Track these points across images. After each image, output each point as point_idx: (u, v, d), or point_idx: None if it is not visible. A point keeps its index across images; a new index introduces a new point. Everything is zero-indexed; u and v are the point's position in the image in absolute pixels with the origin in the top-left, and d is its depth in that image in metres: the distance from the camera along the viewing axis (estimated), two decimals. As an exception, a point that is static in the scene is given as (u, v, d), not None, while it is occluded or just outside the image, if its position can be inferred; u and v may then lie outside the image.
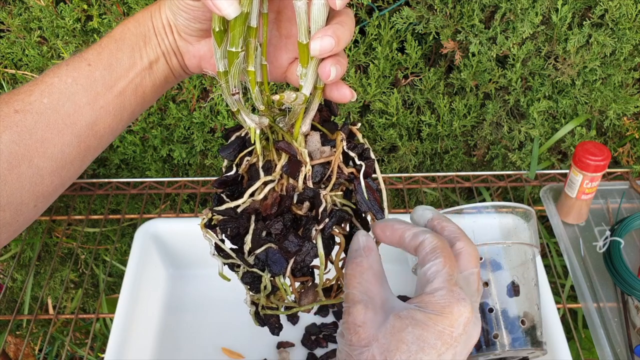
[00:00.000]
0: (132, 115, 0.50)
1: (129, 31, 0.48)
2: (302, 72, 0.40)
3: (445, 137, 1.03)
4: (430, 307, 0.37)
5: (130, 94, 0.48)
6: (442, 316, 0.36)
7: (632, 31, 0.87)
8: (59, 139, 0.45)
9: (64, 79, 0.46)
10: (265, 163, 0.43)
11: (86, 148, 0.48)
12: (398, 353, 0.36)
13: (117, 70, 0.47)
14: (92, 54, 0.47)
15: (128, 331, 0.73)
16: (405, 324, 0.36)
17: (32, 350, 1.21)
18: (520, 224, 0.71)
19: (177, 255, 0.88)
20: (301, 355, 0.80)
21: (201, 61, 0.49)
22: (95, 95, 0.46)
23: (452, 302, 0.36)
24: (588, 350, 0.94)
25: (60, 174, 0.47)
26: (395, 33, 0.92)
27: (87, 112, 0.46)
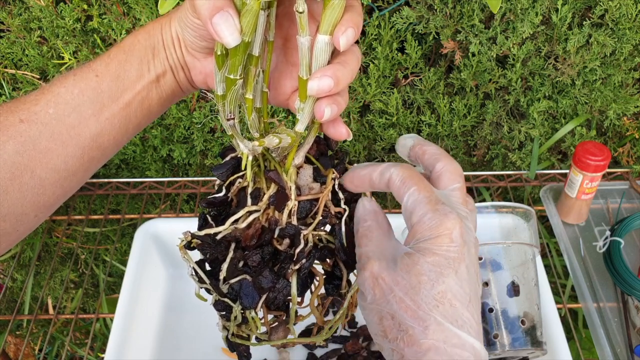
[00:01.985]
0: (138, 128, 0.49)
1: (138, 43, 0.47)
2: (300, 107, 0.40)
3: (445, 137, 1.03)
4: (426, 233, 0.38)
5: (137, 106, 0.48)
6: (440, 237, 0.37)
7: (632, 31, 0.87)
8: (63, 150, 0.45)
9: (71, 89, 0.45)
10: (254, 190, 0.42)
11: (89, 160, 0.47)
12: (421, 286, 0.37)
13: (124, 82, 0.47)
14: (100, 64, 0.47)
15: (128, 331, 0.73)
16: (416, 258, 0.37)
17: (32, 350, 1.21)
18: (520, 224, 0.71)
19: (177, 255, 0.87)
20: (301, 355, 0.80)
21: (207, 78, 0.49)
22: (101, 107, 0.46)
23: (441, 219, 0.37)
24: (588, 350, 0.94)
25: (63, 185, 0.46)
26: (395, 33, 0.92)
27: (92, 124, 0.46)
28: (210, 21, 0.37)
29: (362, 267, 0.40)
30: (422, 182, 0.40)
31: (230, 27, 0.37)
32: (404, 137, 0.46)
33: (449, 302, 0.36)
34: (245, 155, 0.42)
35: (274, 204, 0.41)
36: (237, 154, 0.45)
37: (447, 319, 0.36)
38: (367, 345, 0.79)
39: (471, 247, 0.39)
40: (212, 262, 0.43)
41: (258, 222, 0.41)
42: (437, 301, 0.36)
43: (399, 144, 0.46)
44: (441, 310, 0.36)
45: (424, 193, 0.39)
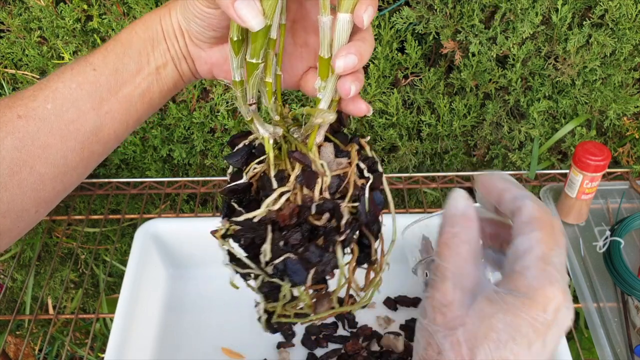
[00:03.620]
0: (139, 120, 0.49)
1: (136, 35, 0.47)
2: (321, 86, 0.40)
3: (445, 137, 1.03)
4: (522, 289, 0.33)
5: (137, 99, 0.47)
6: (533, 301, 0.33)
7: (632, 31, 0.87)
8: (62, 145, 0.45)
9: (68, 84, 0.45)
10: (278, 173, 0.42)
11: (90, 154, 0.47)
12: (486, 342, 0.33)
13: (123, 75, 0.46)
14: (97, 58, 0.46)
15: (128, 331, 0.73)
16: (496, 309, 0.33)
17: (32, 350, 1.21)
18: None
19: (177, 255, 0.88)
20: (301, 355, 0.80)
21: (213, 67, 0.48)
22: (100, 101, 0.46)
23: (544, 284, 0.33)
24: (588, 350, 0.94)
25: (63, 180, 0.46)
26: (395, 33, 0.92)
27: (92, 118, 0.46)
28: (233, 6, 0.36)
29: (435, 284, 0.36)
30: (550, 233, 0.35)
31: (254, 10, 0.37)
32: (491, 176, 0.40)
33: None
34: (267, 139, 0.43)
35: (302, 183, 0.41)
36: (248, 141, 0.45)
37: None
38: (367, 345, 0.79)
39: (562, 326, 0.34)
40: (247, 248, 0.43)
41: (290, 203, 0.41)
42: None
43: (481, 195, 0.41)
44: None
45: (544, 246, 0.34)
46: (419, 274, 0.73)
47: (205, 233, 0.90)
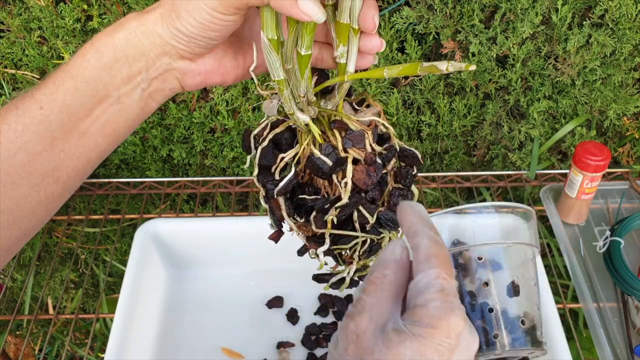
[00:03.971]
0: (103, 154, 0.45)
1: (88, 64, 0.41)
2: (343, 51, 0.42)
3: (445, 137, 1.03)
4: (425, 320, 0.35)
5: (96, 133, 0.43)
6: (437, 329, 0.35)
7: (632, 31, 0.87)
8: (13, 192, 0.41)
9: (14, 126, 0.40)
10: (326, 147, 0.43)
11: (48, 196, 0.43)
12: None
13: (77, 111, 0.41)
14: (44, 94, 0.41)
15: (128, 331, 0.73)
16: (403, 338, 0.35)
17: (32, 350, 1.21)
18: (520, 224, 0.71)
19: (177, 255, 0.88)
20: (301, 355, 0.80)
21: (207, 76, 0.45)
22: (52, 141, 0.41)
23: (447, 313, 0.35)
24: (588, 350, 0.94)
25: (20, 225, 0.43)
26: (395, 33, 0.92)
27: (45, 159, 0.41)
28: (297, 5, 0.36)
29: (351, 315, 0.37)
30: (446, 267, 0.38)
31: (317, 4, 0.37)
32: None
33: None
34: (310, 123, 0.43)
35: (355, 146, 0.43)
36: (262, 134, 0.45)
37: None
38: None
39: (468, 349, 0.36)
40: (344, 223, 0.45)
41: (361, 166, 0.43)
42: None
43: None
44: None
45: (442, 280, 0.37)
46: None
47: (206, 233, 0.91)
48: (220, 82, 0.45)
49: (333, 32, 0.41)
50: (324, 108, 0.44)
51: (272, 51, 0.40)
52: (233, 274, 0.88)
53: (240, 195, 1.12)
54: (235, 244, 0.86)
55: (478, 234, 0.68)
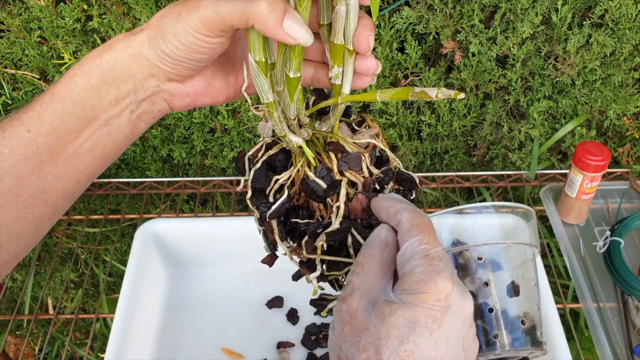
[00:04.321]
0: (92, 175, 0.44)
1: (76, 86, 0.41)
2: (338, 72, 0.41)
3: (445, 137, 1.03)
4: (413, 286, 0.35)
5: (85, 155, 0.42)
6: (425, 294, 0.35)
7: (632, 31, 0.87)
8: (1, 214, 0.41)
9: (0, 149, 0.40)
10: (319, 171, 0.42)
11: (37, 218, 0.42)
12: (390, 339, 0.34)
13: (65, 133, 0.41)
14: (31, 116, 0.41)
15: (128, 331, 0.73)
16: (394, 308, 0.35)
17: (32, 350, 1.21)
18: (520, 224, 0.71)
19: (177, 255, 0.88)
20: (301, 355, 0.80)
21: (197, 97, 0.44)
22: (39, 164, 0.41)
23: (433, 276, 0.35)
24: (588, 350, 0.94)
25: (8, 248, 0.42)
26: (395, 33, 0.92)
27: (33, 182, 0.41)
28: (281, 27, 0.35)
29: (344, 297, 0.37)
30: (430, 234, 0.38)
31: (303, 25, 0.36)
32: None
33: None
34: (304, 145, 0.42)
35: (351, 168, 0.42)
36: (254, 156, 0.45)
37: None
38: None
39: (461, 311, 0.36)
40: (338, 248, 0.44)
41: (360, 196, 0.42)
42: (401, 359, 0.34)
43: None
44: None
45: (425, 246, 0.37)
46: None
47: (206, 233, 0.91)
48: (210, 102, 0.45)
49: (328, 52, 0.41)
50: (318, 130, 0.44)
51: (260, 73, 0.39)
52: (233, 274, 0.88)
53: (240, 195, 1.12)
54: (235, 244, 0.86)
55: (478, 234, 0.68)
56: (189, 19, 0.37)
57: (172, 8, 0.39)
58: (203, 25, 0.37)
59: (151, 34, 0.40)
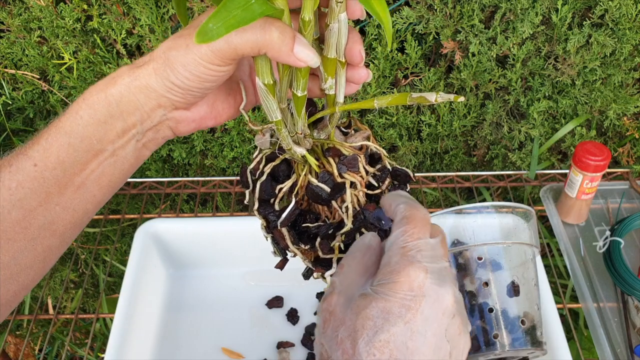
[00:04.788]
0: (99, 204, 0.45)
1: (82, 120, 0.41)
2: (332, 84, 0.43)
3: (445, 137, 1.03)
4: (387, 276, 0.36)
5: (92, 185, 0.43)
6: (398, 283, 0.35)
7: (632, 31, 0.87)
8: (9, 247, 0.41)
9: (7, 183, 0.40)
10: (321, 176, 0.44)
11: (46, 249, 0.43)
12: (364, 330, 0.34)
13: (72, 166, 0.41)
14: (37, 151, 0.41)
15: (128, 331, 0.73)
16: (369, 300, 0.35)
17: (32, 350, 1.21)
18: (520, 224, 0.71)
19: (177, 255, 0.88)
20: (301, 355, 0.80)
21: (201, 121, 0.45)
22: (47, 196, 0.41)
23: (405, 265, 0.36)
24: (588, 350, 0.94)
25: (17, 280, 0.42)
26: (395, 33, 0.92)
27: (41, 214, 0.41)
28: (293, 53, 0.37)
29: (324, 297, 0.38)
30: (417, 227, 0.38)
31: (311, 50, 0.38)
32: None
33: (389, 352, 0.34)
34: (307, 155, 0.44)
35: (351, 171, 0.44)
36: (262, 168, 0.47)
37: None
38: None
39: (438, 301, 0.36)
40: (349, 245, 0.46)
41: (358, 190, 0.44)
42: (377, 349, 0.34)
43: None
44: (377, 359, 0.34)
45: (407, 237, 0.37)
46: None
47: (206, 233, 0.91)
48: (214, 124, 0.46)
49: (321, 66, 0.42)
50: (317, 138, 0.45)
51: (268, 95, 0.40)
52: (233, 274, 0.88)
53: (240, 195, 1.12)
54: (235, 244, 0.86)
55: (478, 234, 0.68)
56: (200, 50, 0.38)
57: (177, 40, 0.39)
58: (214, 56, 0.38)
59: (158, 66, 0.40)
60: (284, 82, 0.41)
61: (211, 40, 0.33)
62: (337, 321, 0.36)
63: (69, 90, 0.98)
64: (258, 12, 0.34)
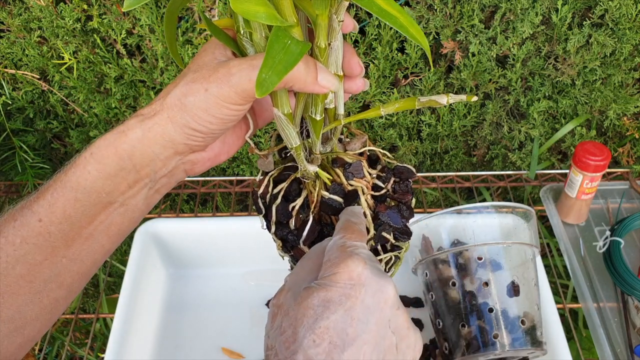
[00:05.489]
0: (107, 253, 0.44)
1: (90, 175, 0.40)
2: (332, 98, 0.44)
3: (445, 137, 1.03)
4: (328, 270, 0.37)
5: (100, 235, 0.42)
6: (338, 274, 0.36)
7: (632, 31, 0.87)
8: (14, 301, 0.40)
9: (12, 239, 0.39)
10: (332, 188, 0.45)
11: (52, 301, 0.42)
12: (305, 318, 0.35)
13: (79, 220, 0.40)
14: (42, 205, 0.40)
15: (128, 331, 0.73)
16: (311, 291, 0.36)
17: (32, 350, 1.21)
18: (520, 224, 0.71)
19: (177, 255, 0.88)
20: (301, 355, 0.80)
21: (216, 159, 0.45)
22: (52, 250, 0.40)
23: (344, 258, 0.37)
24: (588, 350, 0.94)
25: (22, 333, 0.41)
26: (395, 33, 0.92)
27: (46, 268, 0.40)
28: (318, 82, 0.38)
29: (277, 292, 0.39)
30: (354, 234, 0.40)
31: (332, 77, 0.39)
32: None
33: (329, 338, 0.34)
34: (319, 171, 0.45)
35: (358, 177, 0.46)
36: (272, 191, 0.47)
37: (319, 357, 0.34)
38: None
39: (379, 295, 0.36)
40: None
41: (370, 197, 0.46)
42: (317, 336, 0.34)
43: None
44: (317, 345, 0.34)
45: (344, 240, 0.39)
46: (418, 274, 0.74)
47: (206, 233, 0.91)
48: (226, 158, 0.46)
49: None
50: (324, 152, 0.47)
51: (288, 124, 0.41)
52: (233, 274, 0.88)
53: (240, 195, 1.12)
54: (235, 244, 0.86)
55: (478, 234, 0.68)
56: (221, 92, 0.38)
57: (192, 85, 0.39)
58: (238, 96, 0.38)
59: (173, 114, 0.39)
60: (299, 109, 0.42)
61: (269, 90, 0.33)
62: (282, 314, 0.37)
63: (69, 90, 0.98)
64: (297, 52, 0.34)
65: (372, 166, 0.48)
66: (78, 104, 1.00)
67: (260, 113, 0.47)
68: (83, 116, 1.02)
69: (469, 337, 0.65)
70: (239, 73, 0.37)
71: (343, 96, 0.45)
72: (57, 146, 1.10)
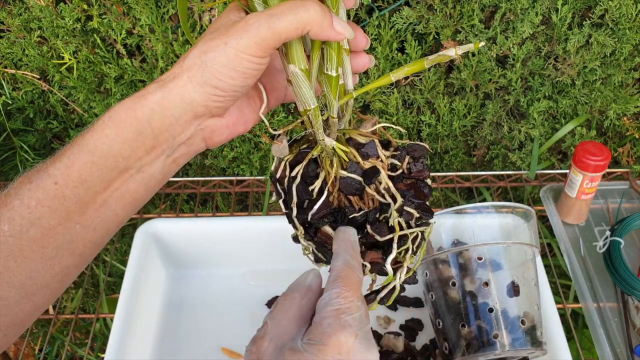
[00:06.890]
0: (121, 223, 0.43)
1: (107, 139, 0.39)
2: (340, 72, 0.43)
3: (445, 137, 1.03)
4: (317, 337, 0.37)
5: (115, 203, 0.41)
6: (328, 346, 0.36)
7: (632, 31, 0.87)
8: (25, 266, 0.39)
9: (27, 201, 0.39)
10: (349, 167, 0.44)
11: (63, 269, 0.41)
12: None
13: (94, 185, 0.40)
14: (58, 168, 0.39)
15: (128, 331, 0.73)
16: (297, 357, 0.36)
17: (32, 350, 1.21)
18: (520, 224, 0.71)
19: (177, 255, 0.88)
20: (301, 355, 0.80)
21: (233, 128, 0.44)
22: (67, 215, 0.40)
23: (337, 330, 0.36)
24: (588, 350, 0.94)
25: (33, 300, 0.41)
26: (395, 33, 0.92)
27: (60, 233, 0.40)
28: (333, 27, 0.38)
29: (255, 338, 0.39)
30: (352, 290, 0.38)
31: (346, 24, 0.39)
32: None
33: None
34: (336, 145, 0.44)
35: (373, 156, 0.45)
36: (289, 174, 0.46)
37: None
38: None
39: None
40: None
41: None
42: None
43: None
44: None
45: (341, 300, 0.38)
46: (418, 274, 0.74)
47: (206, 233, 0.91)
48: (243, 130, 0.45)
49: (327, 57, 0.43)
50: (339, 129, 0.46)
51: (305, 81, 0.40)
52: (233, 274, 0.88)
53: (240, 195, 1.12)
54: (235, 244, 0.86)
55: (478, 234, 0.68)
56: (241, 43, 0.37)
57: (210, 42, 0.38)
58: (258, 47, 0.37)
59: (194, 74, 0.39)
60: (314, 65, 0.41)
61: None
62: None
63: (69, 90, 0.98)
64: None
65: (385, 148, 0.47)
66: (78, 104, 1.00)
67: (271, 91, 0.47)
68: (83, 116, 1.02)
69: (469, 337, 0.65)
70: (257, 22, 0.37)
71: (350, 71, 0.44)
72: (57, 146, 1.10)
